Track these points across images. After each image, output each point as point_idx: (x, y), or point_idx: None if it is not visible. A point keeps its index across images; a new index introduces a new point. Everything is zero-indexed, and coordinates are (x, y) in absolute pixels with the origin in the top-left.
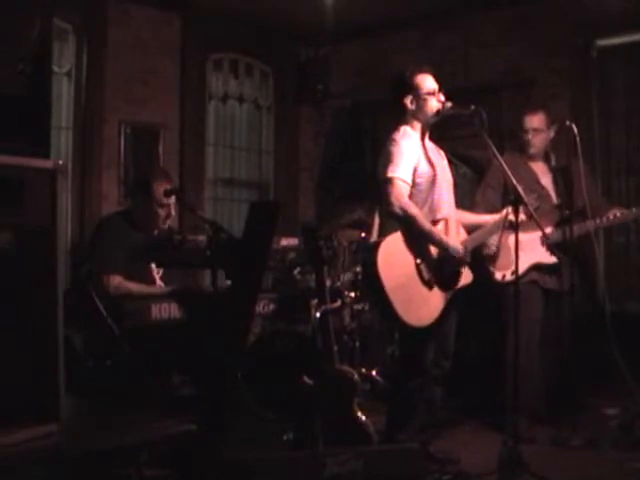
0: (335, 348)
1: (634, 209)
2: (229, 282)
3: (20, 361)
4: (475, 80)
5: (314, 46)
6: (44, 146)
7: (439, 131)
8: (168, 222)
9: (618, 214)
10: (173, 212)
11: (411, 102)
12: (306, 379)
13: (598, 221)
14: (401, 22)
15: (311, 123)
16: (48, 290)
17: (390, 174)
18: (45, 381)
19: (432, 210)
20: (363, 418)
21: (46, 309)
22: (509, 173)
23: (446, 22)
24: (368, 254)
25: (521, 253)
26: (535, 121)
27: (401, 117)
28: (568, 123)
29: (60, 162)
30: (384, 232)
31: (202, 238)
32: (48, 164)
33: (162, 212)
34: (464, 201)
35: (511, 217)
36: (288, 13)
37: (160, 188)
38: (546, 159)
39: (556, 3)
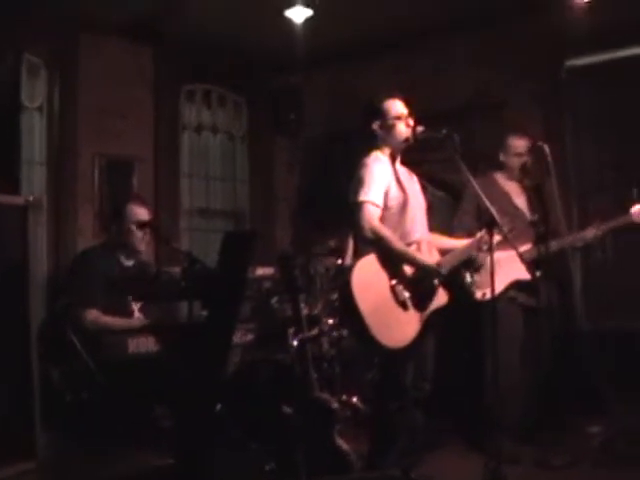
0: (315, 376)
1: (609, 222)
2: (206, 313)
3: None
4: (447, 104)
5: (286, 75)
6: (14, 182)
7: (414, 155)
8: (144, 246)
9: (594, 229)
10: (148, 238)
11: (380, 127)
12: (285, 408)
13: (574, 237)
14: (372, 49)
15: (285, 152)
16: (21, 325)
17: (361, 198)
18: (20, 418)
19: (405, 233)
20: (344, 446)
21: (19, 344)
22: (482, 196)
23: (417, 47)
24: (343, 277)
25: (500, 271)
26: (522, 146)
27: (372, 143)
28: (540, 144)
29: (31, 198)
30: (359, 257)
31: (177, 270)
32: (19, 200)
33: (139, 233)
34: (442, 225)
35: (486, 239)
36: (259, 43)
37: (134, 209)
38: (520, 179)
39: (524, 26)
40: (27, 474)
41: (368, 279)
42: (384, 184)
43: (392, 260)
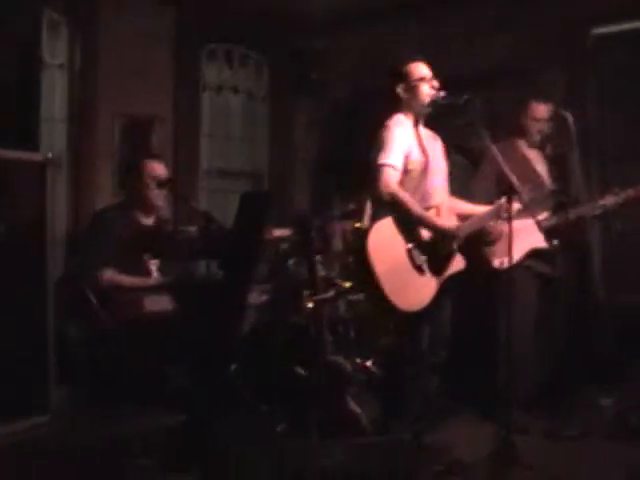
0: (330, 339)
1: (627, 191)
2: (221, 272)
3: (10, 353)
4: (471, 69)
5: (309, 36)
6: (34, 139)
7: (435, 120)
8: (162, 201)
9: (614, 197)
10: (163, 200)
11: (403, 90)
12: (298, 370)
13: (593, 206)
14: (398, 11)
15: (306, 113)
16: (38, 282)
17: (381, 161)
18: (36, 373)
19: (424, 197)
20: (356, 409)
21: (36, 300)
22: (502, 163)
23: (443, 11)
24: (359, 240)
25: (517, 239)
26: (544, 111)
27: (396, 106)
28: (563, 112)
29: (50, 155)
30: (376, 220)
31: (194, 229)
32: (37, 157)
33: (156, 193)
34: (460, 190)
35: (505, 207)
36: (284, 2)
37: (150, 165)
38: (542, 147)
39: None
40: (40, 427)
41: (384, 242)
42: (405, 147)
43: (409, 224)
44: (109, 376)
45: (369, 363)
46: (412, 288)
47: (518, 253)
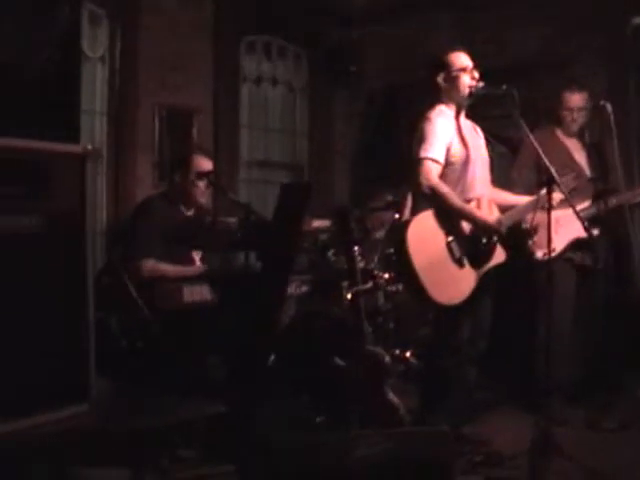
0: (369, 330)
1: None
2: (260, 263)
3: (52, 343)
4: (509, 60)
5: (347, 27)
6: (74, 131)
7: (475, 110)
8: (205, 199)
9: None
10: (208, 190)
11: (444, 80)
12: (337, 361)
13: (632, 194)
14: (434, 2)
15: (346, 105)
16: (78, 273)
17: (422, 154)
18: (76, 362)
19: (465, 189)
20: (395, 400)
21: (76, 291)
22: (542, 153)
23: (480, 1)
24: (398, 233)
25: (559, 230)
26: (579, 100)
27: (436, 97)
28: (602, 102)
29: (89, 147)
30: (416, 212)
31: (233, 220)
32: (77, 149)
33: (201, 186)
34: (501, 179)
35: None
36: None
37: (197, 160)
38: (580, 136)
39: None
40: (81, 416)
41: (424, 235)
42: (446, 140)
43: (449, 217)
44: (149, 366)
45: (408, 354)
46: (451, 281)
47: (560, 244)
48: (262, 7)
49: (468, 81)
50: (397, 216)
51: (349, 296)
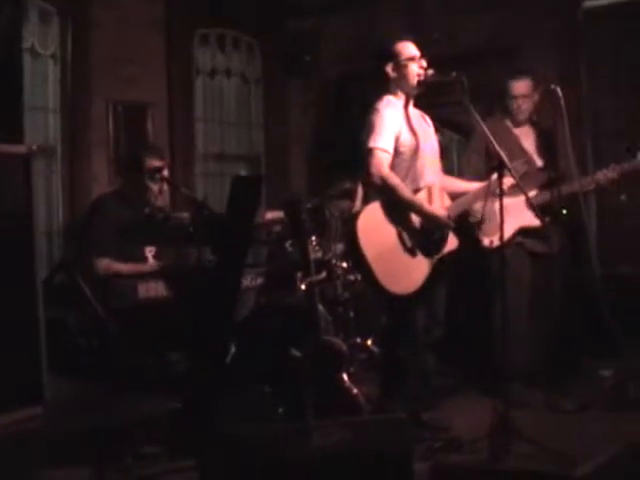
0: (329, 319)
1: (617, 167)
2: (214, 257)
3: (2, 344)
4: (461, 47)
5: (300, 17)
6: (18, 131)
7: (426, 98)
8: (161, 198)
9: (607, 172)
10: (165, 188)
11: (392, 70)
12: (294, 351)
13: (584, 181)
14: None
15: (300, 95)
16: (26, 272)
17: (371, 144)
18: (27, 363)
19: (415, 179)
20: (353, 389)
21: (25, 291)
22: (492, 139)
23: None
24: (349, 224)
25: (507, 217)
26: (522, 87)
27: (386, 86)
28: (553, 86)
29: (34, 147)
30: (368, 202)
31: (187, 215)
32: (21, 149)
33: (154, 187)
34: (453, 165)
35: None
36: None
37: (151, 163)
38: (530, 122)
39: None
40: (34, 419)
41: (375, 226)
42: (395, 129)
43: (399, 207)
44: (106, 364)
45: (369, 342)
46: (404, 271)
47: (508, 231)
48: None
49: (416, 70)
50: (351, 205)
51: (303, 287)
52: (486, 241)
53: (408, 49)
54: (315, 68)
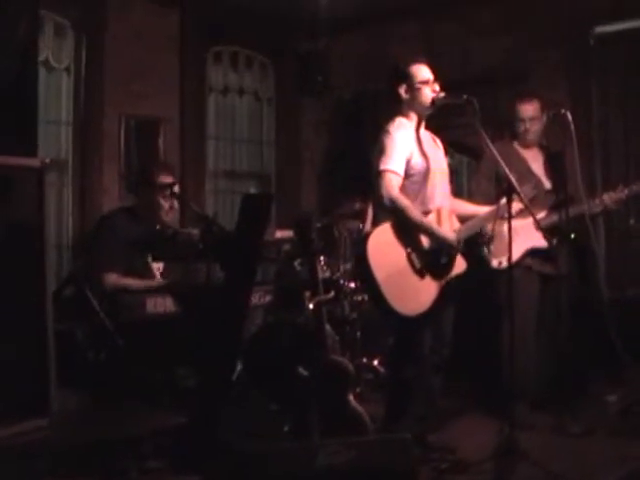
0: (336, 338)
1: (626, 190)
2: (223, 274)
3: (10, 355)
4: (473, 70)
5: (314, 37)
6: (31, 144)
7: (437, 120)
8: (172, 215)
9: (613, 194)
10: (176, 204)
11: (405, 91)
12: (301, 370)
13: (592, 203)
14: (400, 12)
15: (312, 114)
16: (37, 285)
17: (382, 166)
18: (36, 375)
19: (425, 201)
20: (358, 408)
21: (35, 303)
22: (501, 162)
23: (445, 12)
24: (359, 244)
25: (516, 238)
26: (530, 110)
27: (398, 108)
28: (563, 111)
29: (47, 160)
30: (378, 223)
31: (196, 231)
32: (35, 162)
33: (165, 204)
34: (463, 188)
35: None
36: (288, 4)
37: (162, 179)
38: (538, 145)
39: None
40: (41, 430)
41: (385, 247)
42: (406, 152)
43: (409, 229)
44: (114, 378)
45: (375, 362)
46: (413, 292)
47: (516, 253)
48: (229, 17)
49: (429, 94)
50: (361, 226)
51: (311, 306)
52: (495, 262)
53: (422, 72)
54: (327, 88)
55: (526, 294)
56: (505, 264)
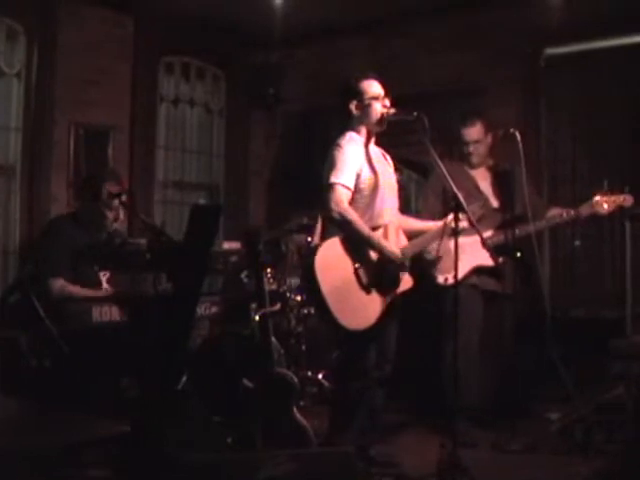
0: (282, 351)
1: (572, 209)
2: (170, 285)
3: None
4: (425, 87)
5: (266, 50)
6: None
7: (389, 137)
8: (116, 224)
9: (556, 214)
10: (122, 215)
11: (356, 107)
12: (246, 382)
13: (538, 223)
14: (352, 28)
15: (263, 127)
16: None
17: (332, 179)
18: None
19: (373, 216)
20: (302, 421)
21: None
22: (449, 179)
23: (397, 28)
24: (307, 258)
25: (463, 256)
26: (474, 133)
27: (348, 123)
28: (512, 130)
29: None
30: (327, 236)
31: (143, 241)
32: None
33: (110, 214)
34: (412, 205)
35: (453, 224)
36: (241, 17)
37: (108, 188)
38: (486, 165)
39: (506, 12)
40: None
41: (332, 261)
42: (356, 166)
43: (357, 243)
44: (57, 385)
45: (320, 376)
46: (359, 307)
47: (463, 269)
48: (182, 28)
49: (379, 109)
50: (309, 239)
51: (257, 317)
52: (441, 278)
53: (372, 87)
54: (279, 101)
55: (471, 312)
56: (451, 280)
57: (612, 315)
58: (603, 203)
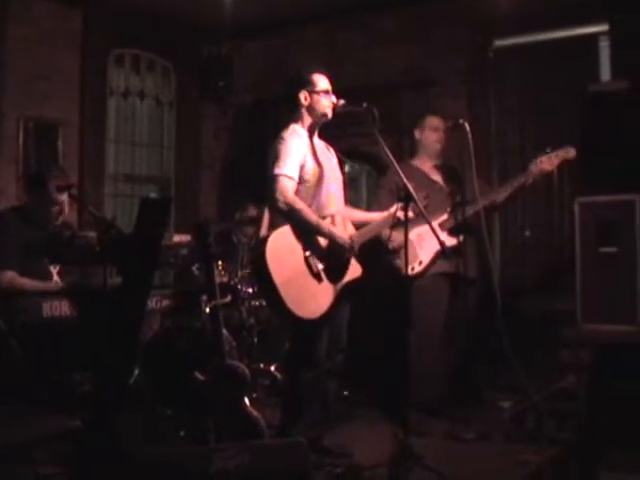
0: (234, 344)
1: (510, 182)
2: (120, 278)
3: None
4: (375, 79)
5: (217, 43)
6: None
7: (338, 128)
8: (61, 218)
9: (507, 183)
10: (66, 209)
11: (305, 98)
12: (198, 374)
13: (491, 195)
14: (303, 20)
15: (213, 119)
16: None
17: (276, 171)
18: None
19: (319, 207)
20: (254, 413)
21: None
22: (398, 168)
23: (348, 21)
24: (257, 248)
25: (424, 243)
26: (435, 122)
27: (294, 113)
28: (461, 121)
29: None
30: (275, 228)
31: (93, 234)
32: None
33: (55, 207)
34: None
35: (400, 214)
36: (191, 9)
37: (54, 185)
38: (438, 155)
39: (456, 4)
40: None
41: (282, 251)
42: (300, 158)
43: (306, 232)
44: (7, 380)
45: (272, 368)
46: (311, 296)
47: (426, 257)
48: (131, 20)
49: (327, 103)
50: (256, 231)
51: (208, 310)
52: (407, 268)
53: (322, 81)
54: (229, 93)
55: (435, 302)
56: (417, 269)
57: (563, 305)
58: (548, 161)
